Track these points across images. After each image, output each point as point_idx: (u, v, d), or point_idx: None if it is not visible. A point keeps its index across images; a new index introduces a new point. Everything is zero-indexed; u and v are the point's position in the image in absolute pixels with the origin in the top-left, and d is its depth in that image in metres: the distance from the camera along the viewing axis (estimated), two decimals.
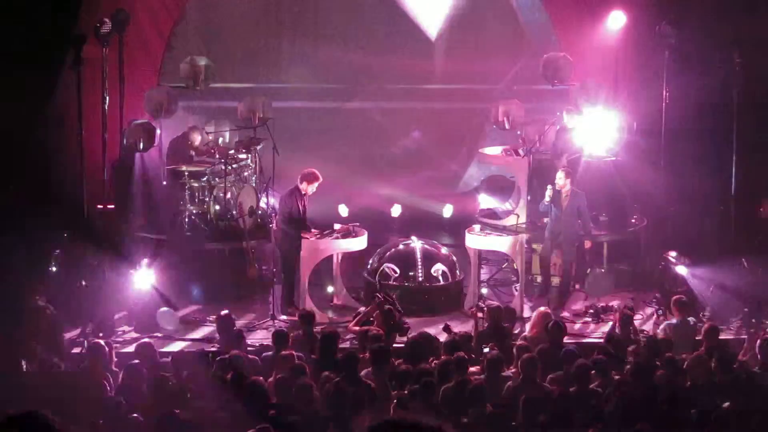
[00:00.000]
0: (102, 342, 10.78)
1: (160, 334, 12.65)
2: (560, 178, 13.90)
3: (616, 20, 15.89)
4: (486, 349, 10.66)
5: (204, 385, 9.70)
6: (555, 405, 8.97)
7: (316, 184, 13.70)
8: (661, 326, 11.92)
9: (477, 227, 14.36)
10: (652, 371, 9.76)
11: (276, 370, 9.94)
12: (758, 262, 13.50)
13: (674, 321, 11.84)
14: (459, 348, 10.34)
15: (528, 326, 12.32)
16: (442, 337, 11.32)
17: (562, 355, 10.33)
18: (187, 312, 13.56)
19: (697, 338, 11.52)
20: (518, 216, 14.19)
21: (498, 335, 11.40)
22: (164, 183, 15.52)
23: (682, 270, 13.54)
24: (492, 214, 15.52)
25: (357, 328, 12.12)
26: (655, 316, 13.45)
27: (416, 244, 14.23)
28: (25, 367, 10.28)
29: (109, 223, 14.46)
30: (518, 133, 15.75)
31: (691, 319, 11.93)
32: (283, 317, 13.41)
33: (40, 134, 13.45)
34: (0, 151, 12.70)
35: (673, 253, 13.89)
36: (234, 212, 14.60)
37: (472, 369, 10.12)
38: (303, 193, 13.65)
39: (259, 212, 14.88)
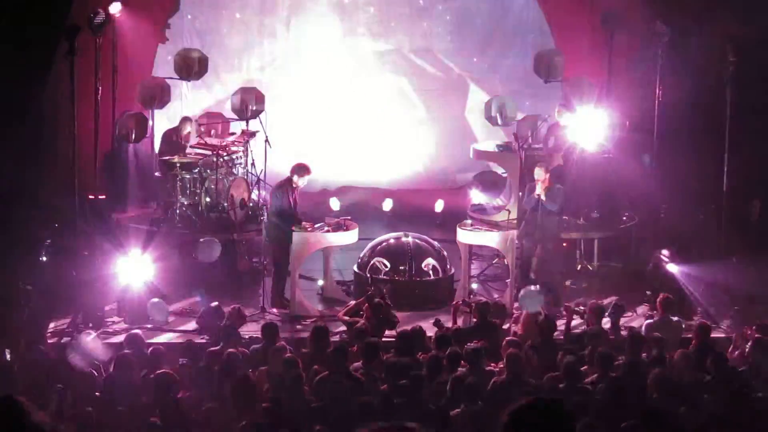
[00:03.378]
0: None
1: (149, 325, 12.62)
2: (538, 173, 13.76)
3: (610, 17, 15.88)
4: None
5: (194, 376, 9.72)
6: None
7: (307, 178, 13.70)
8: (644, 324, 11.93)
9: (468, 222, 14.33)
10: (642, 368, 9.77)
11: (268, 362, 9.97)
12: (749, 260, 13.52)
13: (655, 319, 11.84)
14: (450, 343, 10.33)
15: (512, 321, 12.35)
16: (432, 332, 11.31)
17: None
18: (178, 303, 13.52)
19: (686, 336, 11.55)
20: (509, 212, 14.19)
21: (486, 331, 11.37)
22: (156, 174, 15.52)
23: (673, 268, 13.55)
24: (483, 209, 15.49)
25: (346, 318, 12.13)
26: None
27: (407, 238, 14.21)
28: (8, 356, 10.23)
29: (101, 213, 14.42)
30: (514, 132, 15.70)
31: (675, 317, 11.92)
32: (274, 310, 13.40)
33: (32, 124, 13.41)
34: None
35: (664, 251, 13.89)
36: (225, 204, 14.59)
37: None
38: (294, 186, 13.64)
39: (251, 204, 14.87)
